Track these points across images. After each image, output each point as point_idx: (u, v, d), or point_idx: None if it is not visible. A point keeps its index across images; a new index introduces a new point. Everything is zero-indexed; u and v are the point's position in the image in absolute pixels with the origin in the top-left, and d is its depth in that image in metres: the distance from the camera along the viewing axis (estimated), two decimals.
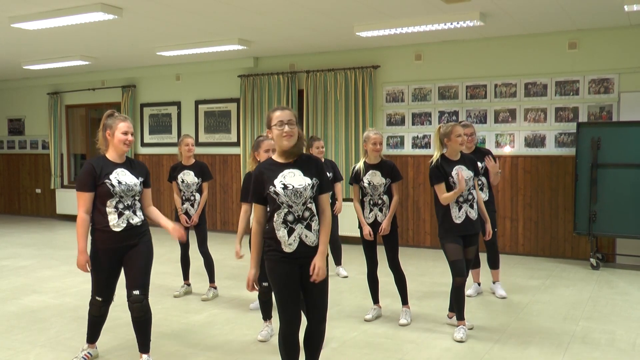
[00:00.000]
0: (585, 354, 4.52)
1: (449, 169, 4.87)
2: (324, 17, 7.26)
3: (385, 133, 9.23)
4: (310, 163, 3.47)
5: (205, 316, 5.54)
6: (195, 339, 4.90)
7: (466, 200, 4.87)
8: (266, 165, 3.49)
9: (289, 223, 3.37)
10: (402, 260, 7.56)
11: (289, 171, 3.41)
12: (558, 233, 8.24)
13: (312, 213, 3.40)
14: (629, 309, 5.75)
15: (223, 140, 10.70)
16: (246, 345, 4.73)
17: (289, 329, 3.42)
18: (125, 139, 4.03)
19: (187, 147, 6.08)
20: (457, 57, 8.74)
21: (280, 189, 3.36)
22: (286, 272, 3.40)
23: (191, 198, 6.12)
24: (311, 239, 3.40)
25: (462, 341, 4.77)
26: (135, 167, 4.16)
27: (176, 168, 6.18)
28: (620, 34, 7.79)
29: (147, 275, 4.12)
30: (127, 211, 4.03)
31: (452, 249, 4.85)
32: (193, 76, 11.01)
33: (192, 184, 6.10)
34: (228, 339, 4.87)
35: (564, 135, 8.14)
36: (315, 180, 3.41)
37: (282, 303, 3.41)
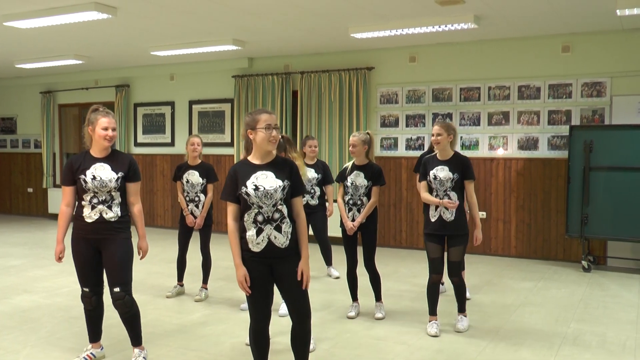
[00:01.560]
0: (576, 356, 4.54)
1: (430, 167, 4.99)
2: (318, 18, 7.27)
3: (378, 135, 9.25)
4: (284, 166, 3.52)
5: (198, 316, 5.53)
6: (188, 339, 4.89)
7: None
8: (241, 165, 3.53)
9: (259, 223, 3.42)
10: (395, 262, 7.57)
11: (261, 173, 3.45)
12: (550, 235, 8.27)
13: (283, 215, 3.44)
14: (620, 311, 5.78)
15: (217, 141, 10.68)
16: (238, 345, 4.72)
17: (259, 325, 3.53)
18: (105, 134, 4.04)
19: (192, 146, 6.03)
20: (451, 59, 8.76)
21: (251, 190, 3.40)
22: (255, 271, 3.45)
23: (195, 199, 6.07)
24: (280, 241, 3.43)
25: (436, 335, 4.92)
26: (117, 162, 4.11)
27: (181, 167, 6.15)
28: (613, 38, 7.84)
29: (126, 271, 4.10)
30: (101, 205, 4.03)
31: (428, 247, 5.04)
32: (187, 76, 10.99)
33: (196, 184, 6.05)
34: (220, 340, 4.87)
35: (557, 138, 8.17)
36: (286, 182, 3.45)
37: (252, 301, 3.50)
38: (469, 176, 4.93)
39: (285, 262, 3.46)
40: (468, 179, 4.94)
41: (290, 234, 3.46)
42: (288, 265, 3.47)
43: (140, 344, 4.24)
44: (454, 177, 4.89)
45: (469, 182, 4.95)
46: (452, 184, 4.90)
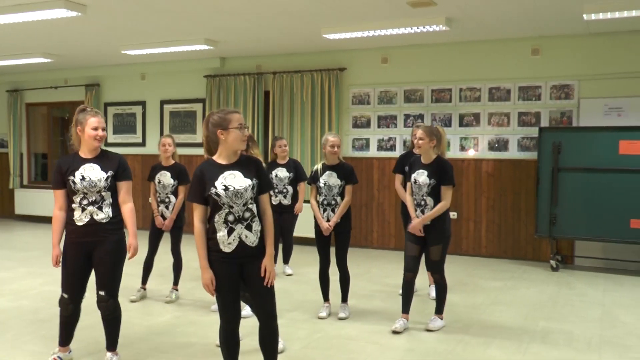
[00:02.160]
0: (545, 354, 4.61)
1: (413, 169, 5.05)
2: (291, 18, 7.26)
3: (350, 135, 9.28)
4: (250, 164, 3.52)
5: (168, 318, 5.48)
6: (158, 341, 4.84)
7: (418, 205, 5.03)
8: (207, 166, 3.50)
9: (229, 223, 3.41)
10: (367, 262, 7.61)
11: (229, 172, 3.44)
12: (520, 235, 8.38)
13: (253, 214, 3.45)
14: (586, 309, 5.88)
15: (188, 141, 10.60)
16: (209, 347, 4.69)
17: (230, 326, 3.53)
18: (95, 134, 3.98)
19: (163, 147, 5.98)
20: (423, 61, 8.82)
21: (221, 191, 3.39)
22: (226, 272, 3.45)
23: (166, 200, 6.00)
24: (251, 239, 3.44)
25: (397, 332, 4.99)
26: (106, 161, 4.06)
27: (155, 168, 6.09)
28: (580, 41, 7.97)
29: (115, 275, 4.05)
30: (91, 207, 3.97)
31: (406, 245, 5.13)
32: (158, 76, 10.90)
33: (167, 185, 5.98)
34: (191, 341, 4.83)
35: (527, 140, 8.28)
36: (255, 180, 3.46)
37: (223, 302, 3.50)
38: (445, 181, 4.92)
39: (255, 260, 3.47)
40: (444, 184, 4.92)
41: (259, 232, 3.48)
42: (258, 264, 3.47)
43: (115, 349, 4.19)
44: (430, 182, 4.92)
45: (445, 187, 4.93)
46: (429, 189, 4.92)
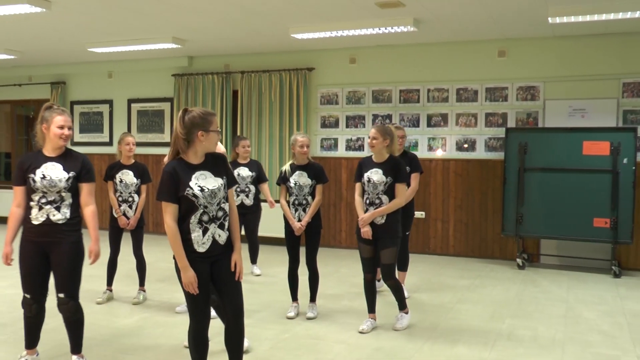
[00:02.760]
0: (510, 350, 4.68)
1: (365, 169, 5.02)
2: (259, 18, 7.24)
3: (319, 135, 9.29)
4: (217, 162, 3.52)
5: (135, 320, 5.42)
6: (124, 343, 4.78)
7: (372, 204, 4.96)
8: (178, 165, 3.43)
9: (204, 223, 3.40)
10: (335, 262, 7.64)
11: (200, 173, 3.43)
12: (487, 234, 8.48)
13: (225, 213, 3.47)
14: (551, 306, 5.99)
15: (156, 140, 10.51)
16: (177, 348, 4.65)
17: (200, 326, 3.50)
18: (61, 133, 3.91)
19: (127, 146, 5.90)
20: (391, 61, 8.87)
21: (198, 192, 3.37)
22: (199, 272, 3.42)
23: (129, 199, 5.92)
24: (223, 238, 3.47)
25: (363, 332, 5.02)
26: (70, 161, 3.97)
27: (114, 167, 5.98)
28: (546, 44, 8.11)
29: (73, 277, 3.98)
30: (49, 206, 3.90)
31: (359, 247, 5.13)
32: (126, 74, 10.76)
33: (130, 184, 5.91)
34: (158, 343, 4.78)
35: (494, 140, 8.39)
36: (224, 179, 3.50)
37: (193, 302, 3.47)
38: (401, 179, 4.92)
39: (224, 258, 3.48)
40: (400, 182, 4.92)
41: (228, 229, 3.50)
42: (226, 261, 3.49)
43: (80, 352, 4.12)
44: (387, 180, 4.90)
45: (400, 185, 4.92)
46: (385, 187, 4.91)
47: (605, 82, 7.85)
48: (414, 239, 8.76)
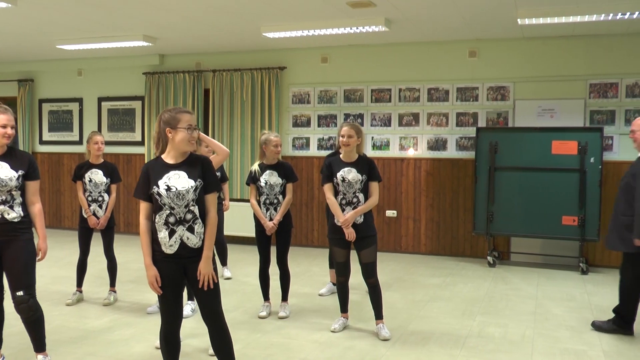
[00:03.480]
0: (481, 347, 4.73)
1: (336, 169, 4.94)
2: (230, 16, 7.21)
3: (290, 134, 9.29)
4: (196, 164, 3.43)
5: (105, 321, 5.36)
6: (94, 345, 4.73)
7: (349, 203, 4.90)
8: (154, 164, 3.45)
9: (170, 225, 3.35)
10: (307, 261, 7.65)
11: (174, 172, 3.38)
12: (458, 233, 8.57)
13: (195, 216, 3.38)
14: (521, 303, 6.07)
15: (127, 139, 10.40)
16: (147, 349, 4.61)
17: (170, 327, 3.47)
18: (3, 132, 3.86)
19: (96, 145, 5.81)
20: (362, 61, 8.91)
21: (163, 191, 3.34)
22: (168, 272, 3.39)
23: (99, 199, 5.84)
24: (193, 241, 3.38)
25: (335, 331, 5.03)
26: (16, 160, 3.94)
27: (82, 167, 5.89)
28: (515, 45, 8.21)
29: (30, 274, 3.94)
30: (2, 206, 3.86)
31: (334, 251, 5.07)
32: (96, 72, 10.63)
33: (100, 183, 5.83)
34: (129, 344, 4.74)
35: (465, 139, 8.47)
36: (199, 182, 3.38)
37: (163, 302, 3.45)
38: (375, 177, 4.93)
39: (198, 262, 3.40)
40: (374, 180, 4.93)
41: (203, 234, 3.41)
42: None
43: (44, 350, 4.07)
44: (362, 178, 4.89)
45: (374, 183, 4.93)
46: (361, 185, 4.89)
47: (573, 83, 7.99)
48: (386, 237, 8.81)
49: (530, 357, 4.53)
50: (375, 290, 5.02)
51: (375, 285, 5.01)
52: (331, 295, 6.33)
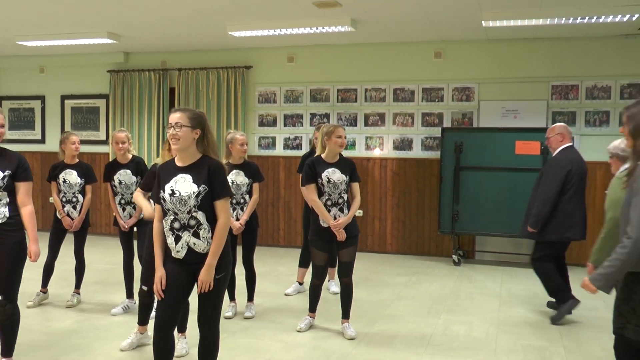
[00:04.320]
0: (446, 345, 4.79)
1: (320, 169, 4.91)
2: (196, 14, 7.15)
3: (257, 134, 9.27)
4: (203, 167, 3.31)
5: (69, 323, 5.27)
6: (58, 348, 4.64)
7: (335, 204, 4.89)
8: (164, 166, 3.42)
9: (176, 230, 3.30)
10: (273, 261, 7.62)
11: (181, 176, 3.31)
12: (424, 232, 8.65)
13: (198, 222, 3.28)
14: (485, 301, 6.17)
15: (91, 138, 10.24)
16: (112, 352, 4.55)
17: (161, 331, 3.37)
18: None
19: (73, 145, 5.68)
20: (328, 60, 8.93)
21: (167, 196, 3.29)
22: (174, 273, 3.34)
23: (73, 200, 5.72)
24: (201, 247, 3.30)
25: (300, 331, 5.05)
26: (4, 160, 3.84)
27: (57, 167, 5.76)
28: (480, 46, 8.33)
29: (13, 279, 3.84)
30: None
31: (314, 254, 5.04)
32: (59, 69, 10.44)
33: (74, 184, 5.71)
34: (93, 347, 4.66)
35: (430, 139, 8.56)
36: (203, 187, 3.26)
37: (162, 302, 3.39)
38: (357, 178, 4.97)
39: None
40: (356, 181, 4.96)
41: (210, 239, 3.31)
42: None
43: (11, 355, 3.98)
44: (346, 179, 4.89)
45: (356, 184, 4.96)
46: (346, 186, 4.89)
47: (536, 84, 8.13)
48: None
49: (494, 354, 4.61)
50: (348, 290, 5.03)
51: (349, 285, 5.01)
52: (297, 295, 6.35)
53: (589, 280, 2.98)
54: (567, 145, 5.60)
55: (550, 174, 5.50)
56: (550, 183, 5.45)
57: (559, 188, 5.41)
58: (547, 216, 5.44)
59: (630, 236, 2.76)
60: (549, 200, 5.42)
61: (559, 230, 5.45)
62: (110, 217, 9.97)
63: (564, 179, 5.41)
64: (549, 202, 5.42)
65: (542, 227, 5.49)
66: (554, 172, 5.47)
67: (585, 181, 5.60)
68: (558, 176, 5.42)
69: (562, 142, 5.60)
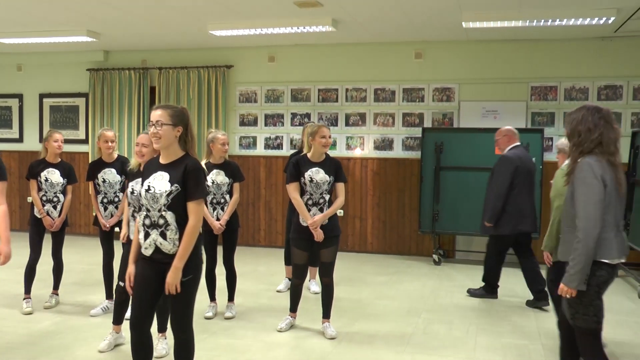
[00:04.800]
0: (426, 343, 4.83)
1: (304, 169, 4.91)
2: (176, 13, 7.11)
3: (237, 133, 9.24)
4: (180, 167, 3.26)
5: (47, 325, 5.21)
6: (36, 350, 4.59)
7: (316, 204, 4.89)
8: (149, 162, 3.42)
9: (146, 227, 3.29)
10: (254, 261, 7.60)
11: (160, 173, 3.29)
12: (404, 231, 8.69)
13: (167, 222, 3.24)
14: (465, 300, 6.22)
15: (70, 137, 10.10)
16: (91, 354, 4.52)
17: (135, 328, 3.36)
18: None
19: (56, 143, 5.58)
20: (309, 60, 8.93)
21: (143, 191, 3.28)
22: (143, 272, 3.33)
23: (54, 199, 5.64)
24: (167, 247, 3.26)
25: (281, 330, 5.05)
26: None
27: (38, 165, 5.66)
28: (460, 47, 8.38)
29: None
30: None
31: (294, 253, 5.03)
32: (37, 67, 10.31)
33: (56, 184, 5.62)
34: (72, 349, 4.62)
35: (411, 139, 8.60)
36: (175, 187, 3.22)
37: (134, 303, 3.37)
38: (342, 178, 4.94)
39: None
40: (341, 181, 4.94)
41: (179, 241, 3.24)
42: None
43: None
44: (330, 179, 4.88)
45: (340, 184, 4.93)
46: (329, 186, 4.88)
47: (515, 85, 8.21)
48: None
49: (473, 353, 4.64)
50: (329, 290, 5.04)
51: (329, 285, 5.02)
52: (279, 294, 6.35)
53: (564, 284, 3.20)
54: (514, 145, 6.16)
55: (500, 171, 6.01)
56: (502, 179, 5.96)
57: (509, 182, 5.93)
58: (500, 210, 5.94)
59: (579, 228, 3.15)
60: (502, 195, 5.94)
61: (511, 224, 5.96)
62: (90, 217, 9.91)
63: (513, 175, 5.92)
64: (501, 197, 5.94)
65: (496, 221, 6.00)
66: (504, 169, 5.98)
67: (532, 177, 6.12)
68: (508, 172, 5.94)
69: (509, 143, 6.17)
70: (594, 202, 3.14)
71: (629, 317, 5.70)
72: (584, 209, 3.15)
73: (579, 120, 3.30)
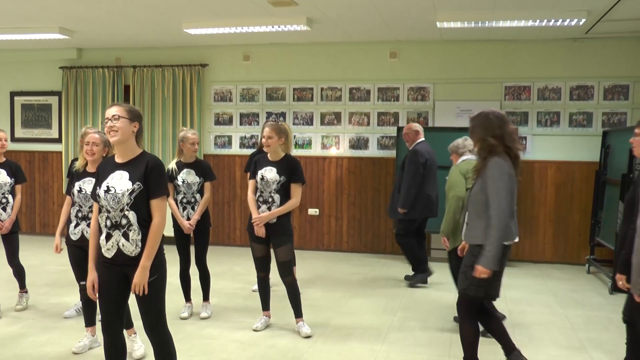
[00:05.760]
0: (402, 341, 4.86)
1: (260, 167, 4.95)
2: (151, 11, 7.06)
3: (212, 132, 9.20)
4: (141, 164, 3.22)
5: (19, 327, 5.14)
6: (6, 353, 4.53)
7: (265, 202, 4.89)
8: (104, 163, 3.37)
9: (107, 228, 3.23)
10: (229, 260, 7.58)
11: (118, 172, 3.24)
12: (380, 230, 8.73)
13: (129, 222, 3.19)
14: (440, 297, 6.27)
15: (43, 136, 9.99)
16: (65, 355, 4.47)
17: (107, 334, 3.32)
18: None
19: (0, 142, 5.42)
20: (285, 59, 8.92)
21: (102, 192, 3.23)
22: (106, 277, 3.28)
23: (2, 201, 5.46)
24: (129, 249, 3.20)
25: (257, 330, 5.05)
26: None
27: None
28: (435, 47, 8.44)
29: None
30: None
31: (252, 246, 5.08)
32: (8, 65, 10.13)
33: (3, 184, 5.45)
34: (45, 350, 4.57)
35: (386, 139, 8.64)
36: (137, 185, 3.18)
37: (101, 308, 3.33)
38: (297, 179, 4.89)
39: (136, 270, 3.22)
40: (295, 182, 4.89)
41: (141, 242, 3.20)
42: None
43: None
44: (280, 179, 4.85)
45: (296, 185, 4.89)
46: (278, 186, 4.85)
47: (489, 85, 8.30)
48: (308, 235, 8.88)
49: (448, 349, 4.69)
50: (293, 289, 5.01)
51: (292, 284, 4.99)
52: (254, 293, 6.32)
53: (481, 266, 3.68)
54: (421, 140, 6.79)
55: (412, 163, 6.60)
56: (415, 170, 6.57)
57: (420, 173, 6.57)
58: (412, 198, 6.57)
59: (493, 217, 3.66)
60: (415, 184, 6.56)
61: (420, 209, 6.64)
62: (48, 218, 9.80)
63: (423, 166, 6.58)
64: (414, 186, 6.56)
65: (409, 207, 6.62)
66: (415, 161, 6.58)
67: (436, 169, 6.76)
68: (419, 164, 6.57)
69: (417, 137, 6.78)
70: (506, 195, 3.67)
71: (600, 312, 5.81)
72: (498, 201, 3.65)
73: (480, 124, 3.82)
